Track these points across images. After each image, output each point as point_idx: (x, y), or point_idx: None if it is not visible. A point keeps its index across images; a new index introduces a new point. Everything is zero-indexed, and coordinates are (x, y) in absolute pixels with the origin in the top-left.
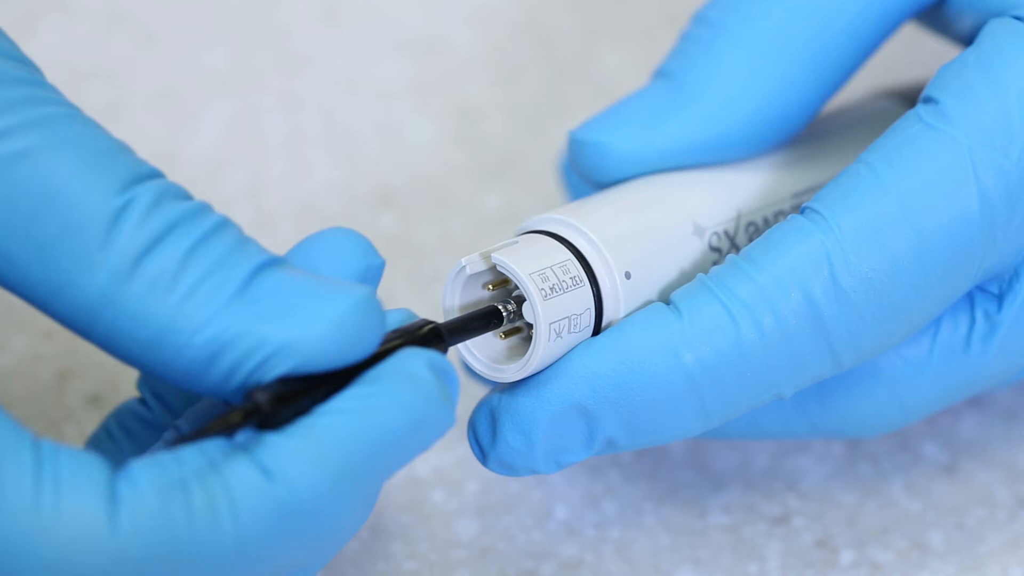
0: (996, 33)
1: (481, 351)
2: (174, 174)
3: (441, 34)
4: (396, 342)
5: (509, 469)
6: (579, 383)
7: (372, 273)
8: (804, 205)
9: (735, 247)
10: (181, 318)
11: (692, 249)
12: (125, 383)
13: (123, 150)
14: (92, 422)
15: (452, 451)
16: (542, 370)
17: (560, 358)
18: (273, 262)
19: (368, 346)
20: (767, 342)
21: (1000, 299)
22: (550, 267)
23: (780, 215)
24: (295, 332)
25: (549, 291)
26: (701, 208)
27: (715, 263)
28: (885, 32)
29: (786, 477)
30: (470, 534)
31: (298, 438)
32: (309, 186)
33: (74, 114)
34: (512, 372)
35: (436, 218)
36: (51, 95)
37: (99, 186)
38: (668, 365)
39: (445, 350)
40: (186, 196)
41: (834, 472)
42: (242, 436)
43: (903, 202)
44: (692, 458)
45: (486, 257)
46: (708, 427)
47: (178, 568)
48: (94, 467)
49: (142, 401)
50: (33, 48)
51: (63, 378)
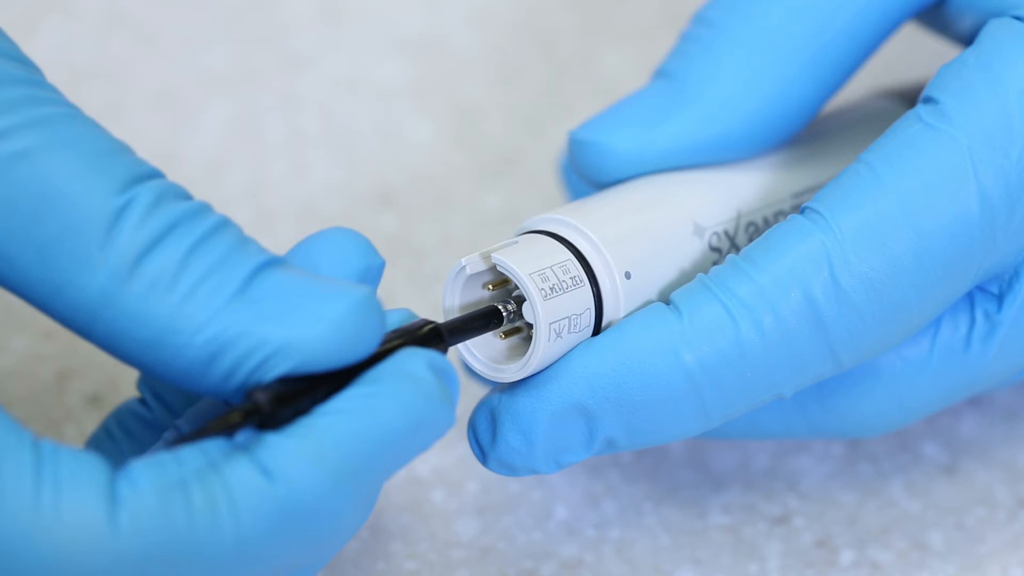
0: (996, 33)
1: (481, 351)
2: (174, 174)
3: (441, 34)
4: (396, 342)
5: (509, 469)
6: (579, 383)
7: (372, 273)
8: (804, 205)
9: (735, 247)
10: (181, 318)
11: (692, 249)
12: (125, 383)
13: (123, 150)
14: (92, 422)
15: (452, 451)
16: (542, 370)
17: (560, 358)
18: (273, 262)
19: (368, 346)
20: (767, 342)
21: (1000, 299)
22: (550, 267)
23: (780, 215)
24: (295, 332)
25: (549, 291)
26: (701, 208)
27: (715, 263)
28: (885, 32)
29: (786, 477)
30: (470, 534)
31: (298, 438)
32: (309, 186)
33: (74, 114)
34: (512, 372)
35: (436, 218)
36: (51, 95)
37: (99, 186)
38: (668, 365)
39: (445, 350)
40: (186, 196)
41: (834, 472)
42: (242, 436)
43: (903, 202)
44: (692, 458)
45: (486, 257)
46: (708, 427)
47: (178, 568)
48: (94, 467)
49: (142, 401)
50: (33, 48)
51: (63, 378)
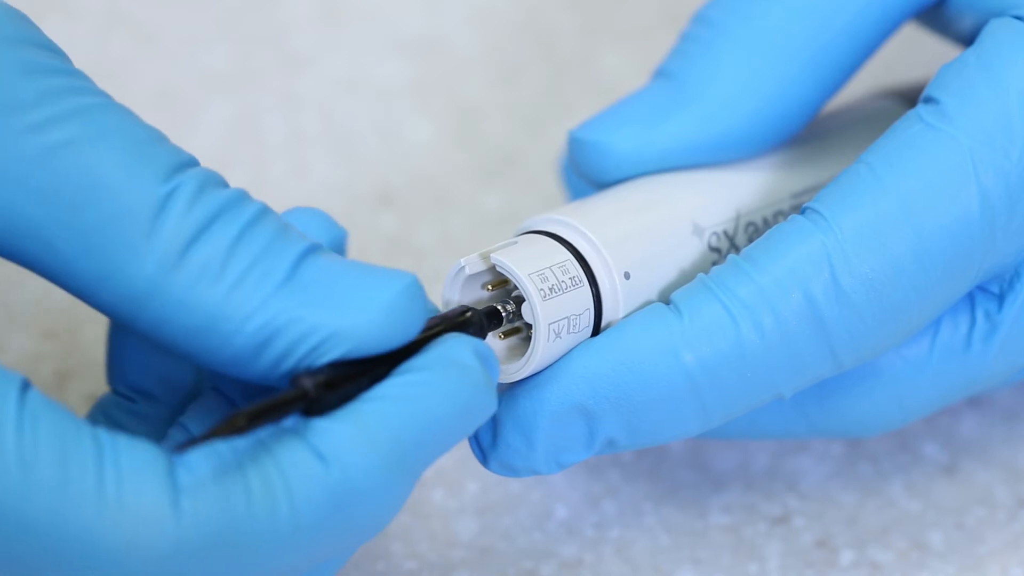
0: (997, 33)
1: None
2: None
3: (441, 34)
4: (438, 328)
5: (510, 470)
6: (579, 383)
7: (338, 244)
8: (804, 205)
9: (734, 247)
10: (231, 306)
11: (691, 249)
12: None
13: (161, 139)
14: None
15: (452, 451)
16: (542, 370)
17: (560, 358)
18: (315, 248)
19: (414, 330)
20: (767, 343)
21: (1001, 299)
22: (549, 267)
23: (780, 215)
24: (347, 318)
25: (548, 291)
26: (700, 208)
27: (715, 263)
28: (885, 32)
29: (786, 477)
30: (470, 534)
31: (350, 423)
32: (309, 186)
33: (112, 104)
34: (511, 372)
35: (436, 218)
36: (88, 85)
37: (143, 175)
38: (668, 365)
39: (484, 337)
40: (225, 183)
41: (834, 472)
42: (289, 420)
43: (903, 202)
44: (692, 458)
45: (485, 257)
46: (708, 427)
47: (237, 553)
48: (153, 455)
49: (121, 395)
50: None
51: (63, 378)
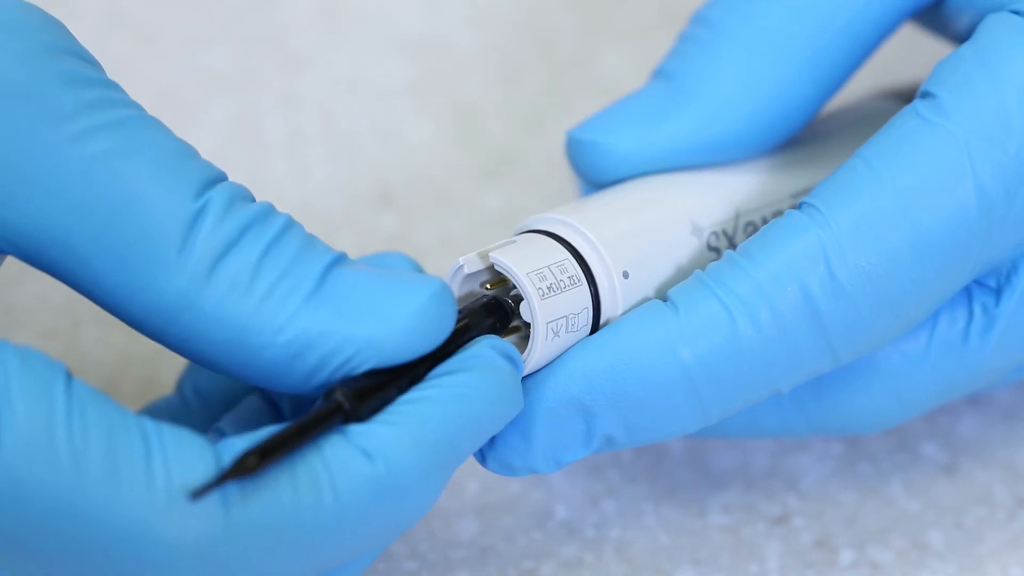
0: (993, 28)
1: None
2: None
3: (441, 34)
4: (463, 322)
5: (509, 469)
6: (576, 380)
7: None
8: (801, 201)
9: (733, 247)
10: (261, 319)
11: (690, 249)
12: (126, 383)
13: (192, 153)
14: None
15: None
16: (540, 369)
17: (557, 357)
18: (340, 259)
19: (443, 335)
20: (764, 337)
21: (998, 293)
22: (547, 266)
23: (779, 215)
24: (378, 329)
25: (547, 290)
26: (699, 208)
27: (713, 262)
28: (884, 32)
29: (786, 477)
30: (470, 534)
31: (392, 425)
32: (309, 186)
33: (144, 116)
34: None
35: (436, 218)
36: (122, 96)
37: (176, 190)
38: (665, 362)
39: (514, 318)
40: (251, 197)
41: (834, 472)
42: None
43: (900, 196)
44: (692, 458)
45: (484, 256)
46: (706, 423)
47: (282, 544)
48: (199, 445)
49: (181, 397)
50: None
51: None
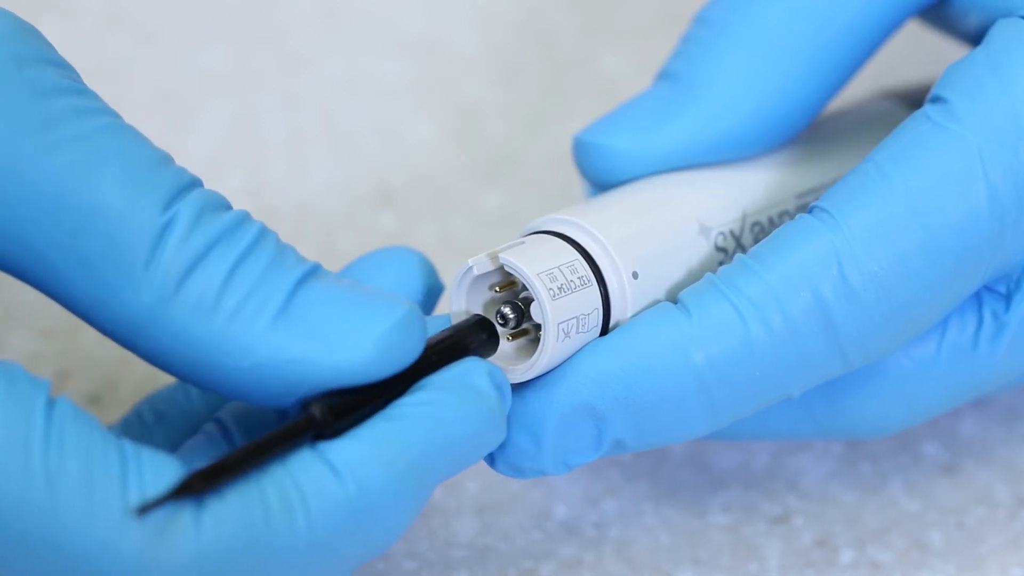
0: (1005, 33)
1: None
2: None
3: (441, 34)
4: (451, 340)
5: (517, 471)
6: (588, 384)
7: (432, 295)
8: (812, 204)
9: (741, 247)
10: (227, 340)
11: (698, 249)
12: (125, 383)
13: (164, 160)
14: None
15: None
16: (550, 371)
17: (568, 358)
18: (312, 272)
19: (407, 361)
20: (776, 341)
21: (1008, 299)
22: (558, 267)
23: (785, 215)
24: (341, 354)
25: (557, 291)
26: (707, 208)
27: (721, 263)
28: (887, 30)
29: (786, 477)
30: (469, 534)
31: (365, 441)
32: (309, 186)
33: (116, 123)
34: (520, 373)
35: (436, 218)
36: (93, 103)
37: (144, 202)
38: (677, 365)
39: (498, 338)
40: (226, 205)
41: (834, 472)
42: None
43: (912, 201)
44: (692, 458)
45: (493, 258)
46: (716, 427)
47: (255, 566)
48: (174, 469)
49: (184, 388)
50: None
51: (63, 378)
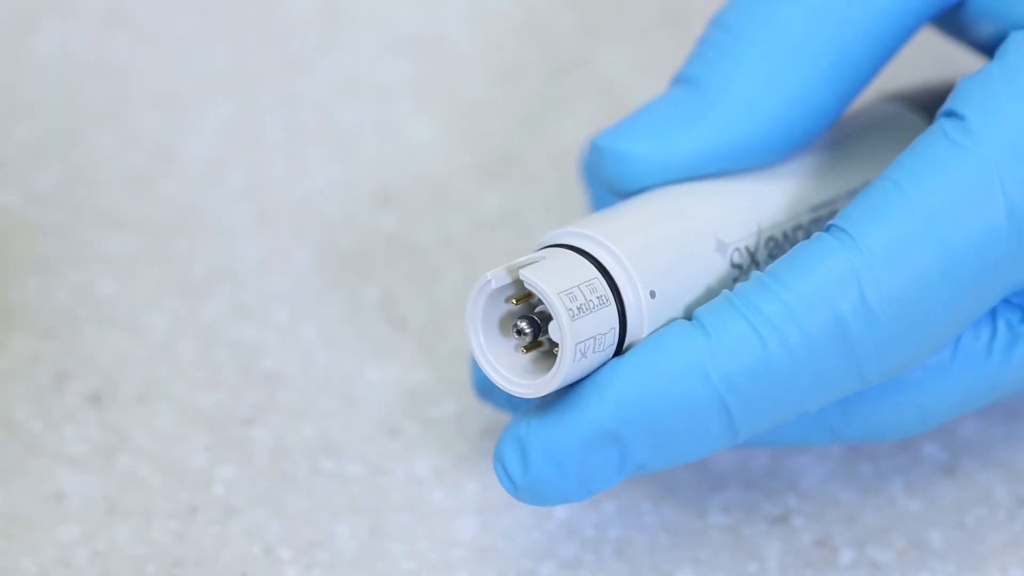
0: (1020, 46)
1: (503, 364)
2: (174, 174)
3: (441, 34)
4: None
5: (541, 499)
6: (609, 410)
7: None
8: (829, 223)
9: (755, 263)
10: None
11: (715, 266)
12: (125, 383)
13: None
14: (92, 422)
15: (452, 451)
16: (566, 389)
17: (587, 380)
18: None
19: None
20: (794, 360)
21: (1022, 310)
22: (577, 286)
23: (799, 230)
24: None
25: (577, 311)
26: (723, 224)
27: (736, 279)
28: (903, 36)
29: (786, 477)
30: (469, 534)
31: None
32: (309, 186)
33: None
34: (534, 388)
35: (436, 218)
36: None
37: None
38: (697, 385)
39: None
40: None
41: (834, 472)
42: None
43: (930, 219)
44: None
45: (512, 272)
46: (734, 444)
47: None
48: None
49: None
50: (33, 48)
51: (63, 378)
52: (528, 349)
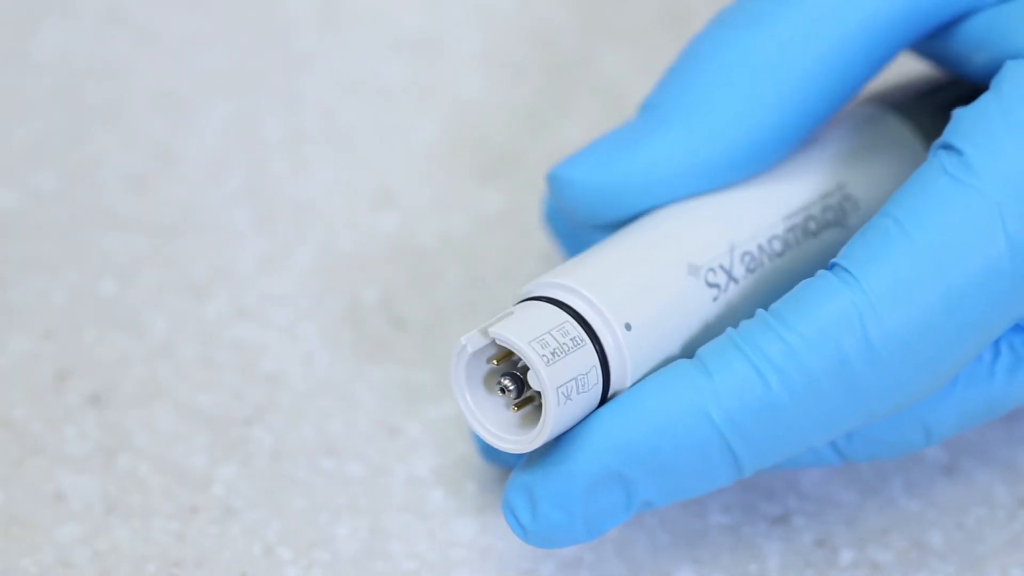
0: (1016, 78)
1: (495, 423)
2: (174, 174)
3: (441, 34)
4: None
5: (551, 543)
6: (612, 452)
7: None
8: (832, 261)
9: (733, 279)
10: None
11: (689, 290)
12: (125, 383)
13: None
14: (92, 422)
15: (452, 451)
16: (569, 434)
17: (588, 422)
18: None
19: None
20: (798, 400)
21: None
22: (548, 332)
23: (775, 239)
24: None
25: (551, 356)
26: (693, 246)
27: (715, 299)
28: (877, 63)
29: (786, 477)
30: (469, 534)
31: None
32: (309, 186)
33: None
34: (528, 442)
35: (436, 218)
36: None
37: None
38: (699, 425)
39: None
40: None
41: (834, 472)
42: None
43: (933, 258)
44: None
45: (484, 332)
46: (741, 477)
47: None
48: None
49: None
50: (33, 48)
51: (63, 378)
52: (520, 406)
